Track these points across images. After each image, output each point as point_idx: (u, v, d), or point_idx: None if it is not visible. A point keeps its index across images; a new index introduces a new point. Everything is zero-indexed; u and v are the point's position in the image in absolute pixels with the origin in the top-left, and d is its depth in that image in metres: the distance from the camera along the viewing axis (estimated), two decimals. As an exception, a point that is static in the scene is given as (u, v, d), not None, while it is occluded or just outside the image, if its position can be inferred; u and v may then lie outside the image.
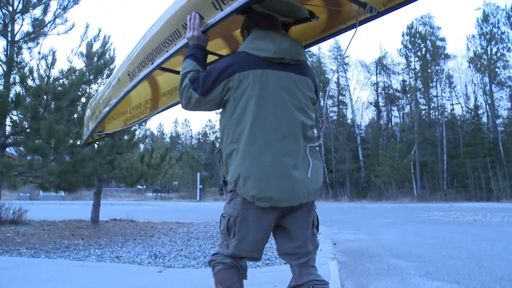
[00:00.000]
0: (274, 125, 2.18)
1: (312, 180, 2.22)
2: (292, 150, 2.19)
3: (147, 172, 10.35)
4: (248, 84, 2.19)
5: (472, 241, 8.08)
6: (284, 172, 2.14)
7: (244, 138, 2.18)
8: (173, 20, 2.45)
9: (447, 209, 20.89)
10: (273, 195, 2.11)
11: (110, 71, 10.48)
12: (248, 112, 2.18)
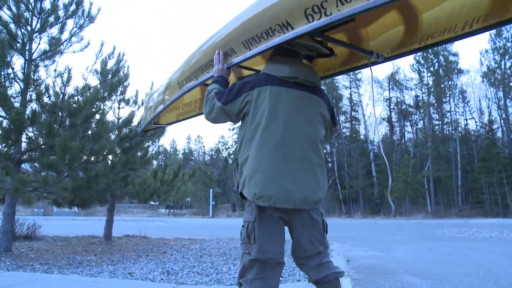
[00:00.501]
0: (281, 134, 2.41)
1: (310, 190, 2.42)
2: (296, 159, 2.41)
3: (160, 188, 10.39)
4: (265, 98, 2.46)
5: (489, 258, 7.95)
6: (285, 176, 2.36)
7: (254, 145, 2.43)
8: (214, 47, 2.81)
9: (462, 226, 20.61)
10: (274, 194, 2.31)
11: (124, 88, 10.61)
12: (261, 122, 2.43)
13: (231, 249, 9.15)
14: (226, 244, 10.25)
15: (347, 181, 46.35)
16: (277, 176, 2.35)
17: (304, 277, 5.77)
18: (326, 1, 2.04)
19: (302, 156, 2.44)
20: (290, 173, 2.38)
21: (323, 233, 2.58)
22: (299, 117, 2.49)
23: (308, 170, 2.45)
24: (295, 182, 2.37)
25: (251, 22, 2.47)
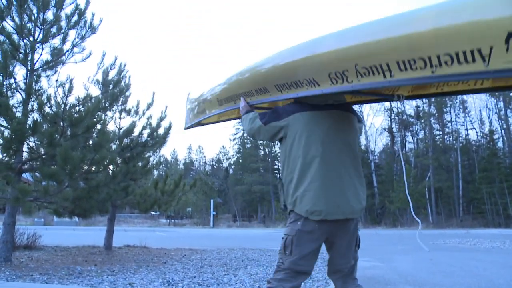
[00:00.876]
0: (321, 155, 2.71)
1: (355, 200, 2.74)
2: (338, 175, 2.72)
3: (160, 198, 10.39)
4: (301, 123, 2.79)
5: (491, 269, 7.92)
6: (331, 193, 2.67)
7: (298, 167, 2.74)
8: (254, 77, 3.09)
9: (464, 236, 20.54)
10: (323, 209, 2.63)
11: (126, 98, 10.64)
12: (301, 145, 2.75)
13: (232, 260, 9.12)
14: (227, 255, 10.22)
15: (348, 192, 46.34)
16: (325, 193, 2.65)
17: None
18: (347, 70, 2.24)
19: (343, 171, 2.74)
20: (335, 188, 2.68)
21: (355, 247, 2.86)
22: (335, 136, 2.79)
23: (350, 184, 2.75)
24: (341, 196, 2.68)
25: (284, 69, 2.77)
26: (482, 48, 1.73)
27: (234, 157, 65.34)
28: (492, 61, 1.72)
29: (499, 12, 1.68)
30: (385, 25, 2.17)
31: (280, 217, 44.67)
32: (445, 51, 1.85)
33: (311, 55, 2.53)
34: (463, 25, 1.78)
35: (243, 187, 52.51)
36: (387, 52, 2.06)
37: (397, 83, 2.05)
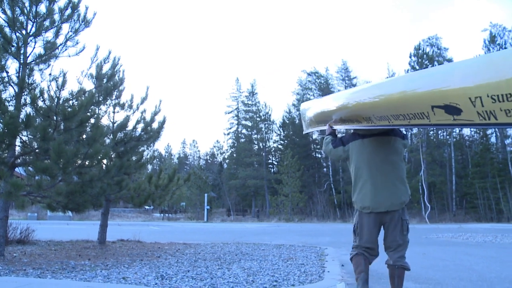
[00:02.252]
0: (368, 169, 4.03)
1: (394, 197, 3.95)
2: (380, 183, 3.97)
3: (154, 193, 10.37)
4: (354, 148, 4.16)
5: (483, 263, 7.98)
6: (374, 194, 3.96)
7: (354, 179, 4.15)
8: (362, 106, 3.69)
9: (457, 230, 20.66)
10: (370, 205, 3.98)
11: (119, 92, 10.60)
12: (356, 164, 4.13)
13: (226, 254, 9.14)
14: (221, 249, 10.23)
15: (342, 186, 46.42)
16: (370, 195, 3.98)
17: (297, 282, 5.78)
18: (423, 114, 2.97)
19: (383, 178, 3.98)
20: (378, 191, 3.95)
21: (402, 232, 4.06)
22: (376, 155, 4.04)
23: (390, 186, 3.96)
24: (381, 195, 3.94)
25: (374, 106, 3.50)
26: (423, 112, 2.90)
27: (228, 151, 65.35)
28: (431, 118, 2.87)
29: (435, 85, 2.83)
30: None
31: (273, 212, 44.77)
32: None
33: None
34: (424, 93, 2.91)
35: (237, 182, 52.51)
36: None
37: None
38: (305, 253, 9.50)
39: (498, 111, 2.36)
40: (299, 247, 11.01)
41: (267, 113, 55.70)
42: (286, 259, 8.29)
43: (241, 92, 60.51)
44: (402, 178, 4.04)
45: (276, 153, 57.75)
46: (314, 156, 54.42)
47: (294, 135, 53.40)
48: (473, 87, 2.48)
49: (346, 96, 4.20)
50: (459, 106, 2.60)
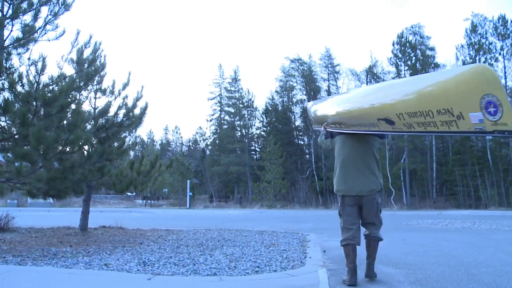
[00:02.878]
0: (345, 160, 4.87)
1: (363, 185, 4.73)
2: (353, 171, 4.80)
3: (136, 179, 10.30)
4: (338, 141, 5.04)
5: (461, 248, 8.12)
6: (347, 180, 4.81)
7: (335, 167, 5.01)
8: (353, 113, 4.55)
9: (436, 217, 20.97)
10: (342, 188, 4.84)
11: (101, 77, 10.45)
12: (338, 154, 5.00)
13: (208, 240, 9.16)
14: (203, 235, 10.25)
15: (324, 173, 46.71)
16: (343, 180, 4.84)
17: (279, 267, 5.83)
18: (389, 121, 3.73)
19: (356, 169, 4.79)
20: (350, 178, 4.79)
21: (376, 211, 4.84)
22: (355, 149, 4.86)
23: (361, 176, 4.76)
24: (352, 182, 4.77)
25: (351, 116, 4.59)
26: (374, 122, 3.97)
27: (211, 138, 65.15)
28: (380, 127, 3.94)
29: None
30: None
31: (256, 198, 44.94)
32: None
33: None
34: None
35: (219, 168, 52.48)
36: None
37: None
38: (287, 239, 9.56)
39: (414, 124, 3.48)
40: (281, 233, 11.07)
41: (250, 100, 55.59)
42: (268, 245, 8.34)
43: (224, 78, 60.27)
44: (373, 171, 4.82)
45: (258, 139, 57.78)
46: (296, 143, 54.61)
47: (277, 121, 53.44)
48: (397, 106, 3.60)
49: (333, 107, 5.19)
50: (392, 119, 3.69)
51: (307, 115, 5.97)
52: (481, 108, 2.87)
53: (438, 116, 3.17)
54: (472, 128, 2.98)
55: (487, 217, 20.54)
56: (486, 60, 42.98)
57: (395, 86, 4.07)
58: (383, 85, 5.10)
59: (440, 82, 3.26)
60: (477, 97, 2.87)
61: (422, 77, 4.05)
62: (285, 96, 55.87)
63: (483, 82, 2.86)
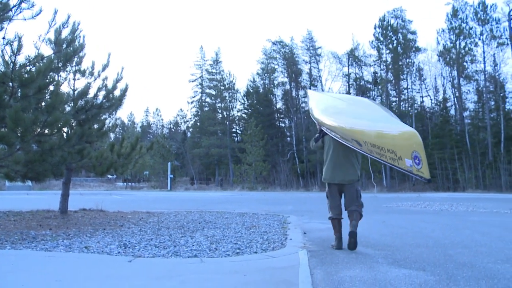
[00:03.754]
0: (331, 157, 5.92)
1: (344, 176, 5.83)
2: (337, 165, 5.86)
3: (117, 161, 10.20)
4: (327, 140, 6.04)
5: (438, 230, 8.27)
6: (332, 172, 5.89)
7: (325, 161, 6.08)
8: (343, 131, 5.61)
9: (415, 199, 21.30)
10: (328, 177, 5.96)
11: (80, 58, 10.26)
12: (325, 152, 6.09)
13: (189, 222, 9.17)
14: (184, 217, 10.25)
15: (305, 155, 46.90)
16: (329, 172, 5.94)
17: (260, 249, 5.87)
18: (358, 143, 5.14)
19: (339, 163, 5.87)
20: (335, 170, 5.87)
21: (356, 196, 5.86)
22: (340, 148, 5.80)
23: (343, 169, 5.84)
24: (336, 173, 5.87)
25: (336, 128, 5.66)
26: (349, 141, 5.39)
27: (192, 120, 64.82)
28: (353, 144, 5.29)
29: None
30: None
31: (237, 180, 45.05)
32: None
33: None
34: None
35: (200, 150, 52.36)
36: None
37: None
38: (268, 221, 9.62)
39: (374, 152, 4.91)
40: (262, 215, 11.13)
41: (231, 82, 55.34)
42: (249, 227, 8.38)
43: (205, 60, 59.80)
44: (353, 165, 5.88)
45: (240, 122, 57.69)
46: (278, 125, 54.66)
47: (258, 104, 53.34)
48: (364, 135, 5.10)
49: (326, 118, 6.02)
50: (360, 142, 5.11)
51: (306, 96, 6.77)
52: (411, 158, 4.48)
53: (388, 153, 4.72)
54: (406, 168, 4.56)
55: (465, 200, 20.94)
56: (466, 45, 43.35)
57: (364, 118, 5.70)
58: (354, 108, 6.37)
59: (392, 133, 4.96)
60: (410, 151, 4.50)
61: (384, 117, 5.55)
62: (266, 79, 55.71)
63: (414, 143, 4.52)
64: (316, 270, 4.57)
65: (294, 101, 52.05)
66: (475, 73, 44.40)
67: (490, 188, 35.38)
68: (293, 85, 52.98)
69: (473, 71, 44.44)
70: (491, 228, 8.58)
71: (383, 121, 5.38)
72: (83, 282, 4.02)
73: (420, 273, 4.38)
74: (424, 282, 4.02)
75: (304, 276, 4.23)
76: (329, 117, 6.01)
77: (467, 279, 4.13)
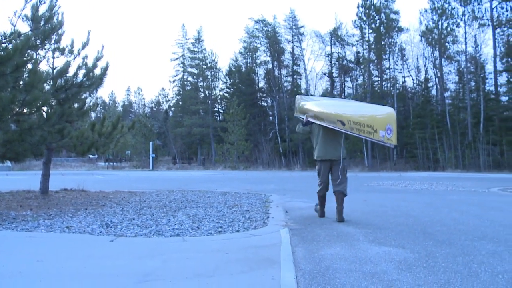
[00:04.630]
0: (322, 138, 6.76)
1: (333, 153, 6.65)
2: (329, 145, 6.69)
3: (98, 141, 10.10)
4: (315, 128, 6.93)
5: (418, 208, 8.40)
6: (323, 150, 6.72)
7: (314, 143, 6.94)
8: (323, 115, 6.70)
9: (396, 178, 21.57)
10: (320, 155, 6.75)
11: (59, 36, 10.06)
12: (315, 136, 6.89)
13: (171, 201, 9.17)
14: (166, 197, 10.25)
15: (287, 135, 46.96)
16: (321, 151, 6.72)
17: (242, 228, 5.91)
18: (342, 123, 6.13)
19: (330, 143, 6.67)
20: (326, 149, 6.68)
21: (342, 170, 6.67)
22: (329, 131, 6.62)
23: (333, 148, 6.65)
24: (326, 151, 6.68)
25: (322, 114, 6.65)
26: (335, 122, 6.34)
27: (173, 99, 64.37)
28: (337, 125, 6.29)
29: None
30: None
31: (219, 160, 45.05)
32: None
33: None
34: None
35: (182, 130, 52.10)
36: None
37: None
38: (250, 200, 9.67)
39: (355, 129, 6.03)
40: (244, 194, 11.18)
41: (214, 61, 54.86)
42: (231, 206, 8.42)
43: (187, 39, 59.10)
44: (341, 144, 6.76)
45: (222, 101, 57.38)
46: (260, 104, 54.48)
47: (240, 83, 53.04)
48: (348, 116, 6.14)
49: (314, 107, 7.04)
50: (344, 122, 6.13)
51: (294, 104, 7.27)
52: (385, 129, 5.88)
53: (367, 128, 5.97)
54: (379, 138, 5.90)
55: (444, 179, 21.27)
56: (448, 25, 43.52)
57: (349, 106, 7.26)
58: (343, 103, 8.21)
59: (372, 112, 6.42)
60: (385, 124, 5.91)
61: (365, 106, 7.84)
62: (249, 58, 55.29)
63: (390, 118, 6.04)
64: (297, 248, 4.62)
65: (277, 80, 51.86)
66: (456, 54, 44.63)
67: (469, 168, 35.94)
68: (275, 64, 52.66)
69: (454, 52, 44.66)
70: (469, 207, 8.74)
71: (365, 107, 7.22)
72: (65, 261, 4.01)
73: (400, 251, 4.46)
74: (404, 259, 4.09)
75: (285, 254, 4.28)
76: (320, 107, 7.04)
77: (445, 256, 4.22)
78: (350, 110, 6.60)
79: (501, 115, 39.55)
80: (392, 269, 3.73)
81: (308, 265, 3.90)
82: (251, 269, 3.76)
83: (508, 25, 40.39)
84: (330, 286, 3.25)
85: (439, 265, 3.89)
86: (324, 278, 3.46)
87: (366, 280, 3.42)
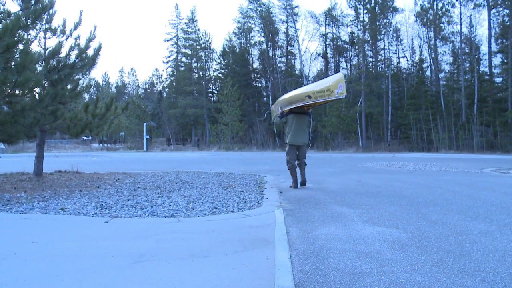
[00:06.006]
0: (294, 128, 8.76)
1: (303, 139, 8.79)
2: (298, 132, 8.76)
3: (92, 122, 10.04)
4: (289, 117, 8.90)
5: (412, 189, 8.45)
6: (295, 137, 8.74)
7: (287, 131, 8.88)
8: (289, 99, 8.99)
9: (390, 159, 21.66)
10: (292, 141, 8.75)
11: (50, 16, 9.93)
12: (289, 125, 8.86)
13: (166, 182, 9.18)
14: (161, 178, 10.26)
15: (282, 116, 46.90)
16: (293, 138, 8.72)
17: (237, 208, 5.92)
18: (309, 96, 8.13)
19: (300, 132, 8.77)
20: (296, 136, 8.73)
21: (305, 153, 9.00)
22: (298, 121, 8.81)
23: (302, 135, 8.77)
24: (297, 138, 8.73)
25: (293, 97, 8.84)
26: (304, 98, 8.40)
27: (167, 80, 64.09)
28: (305, 100, 8.33)
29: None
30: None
31: (213, 141, 45.04)
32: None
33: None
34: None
35: (177, 111, 51.98)
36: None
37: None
38: (245, 180, 9.70)
39: (318, 97, 7.88)
40: (239, 175, 11.21)
41: (207, 41, 54.53)
42: (225, 187, 8.44)
43: (181, 19, 58.65)
44: (307, 133, 8.80)
45: (216, 82, 57.17)
46: (254, 85, 54.33)
47: (235, 63, 52.80)
48: (313, 91, 8.08)
49: (285, 96, 9.25)
50: (311, 95, 8.05)
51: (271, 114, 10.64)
52: (338, 87, 7.39)
53: (326, 92, 7.65)
54: (334, 96, 7.56)
55: (438, 160, 21.39)
56: (443, 5, 43.31)
57: (311, 86, 8.96)
58: (305, 86, 9.69)
59: (327, 83, 7.87)
60: (337, 84, 7.44)
61: (322, 80, 8.69)
62: (243, 38, 54.93)
63: (340, 79, 7.52)
64: (292, 228, 4.64)
65: (271, 61, 51.63)
66: (451, 35, 44.55)
67: (463, 149, 36.16)
68: (269, 44, 52.40)
69: (449, 33, 44.57)
70: (461, 187, 8.80)
71: (323, 81, 8.43)
72: (60, 243, 4.01)
73: (393, 231, 4.49)
74: (397, 239, 4.12)
75: (280, 234, 4.30)
76: (289, 93, 9.23)
77: (438, 236, 4.25)
78: (312, 86, 8.51)
79: (495, 96, 39.68)
80: (386, 249, 3.76)
81: (302, 245, 3.92)
82: (245, 249, 3.78)
83: (503, 5, 40.22)
84: (324, 266, 3.28)
85: (432, 244, 3.92)
86: (318, 258, 3.49)
87: (360, 259, 3.44)
